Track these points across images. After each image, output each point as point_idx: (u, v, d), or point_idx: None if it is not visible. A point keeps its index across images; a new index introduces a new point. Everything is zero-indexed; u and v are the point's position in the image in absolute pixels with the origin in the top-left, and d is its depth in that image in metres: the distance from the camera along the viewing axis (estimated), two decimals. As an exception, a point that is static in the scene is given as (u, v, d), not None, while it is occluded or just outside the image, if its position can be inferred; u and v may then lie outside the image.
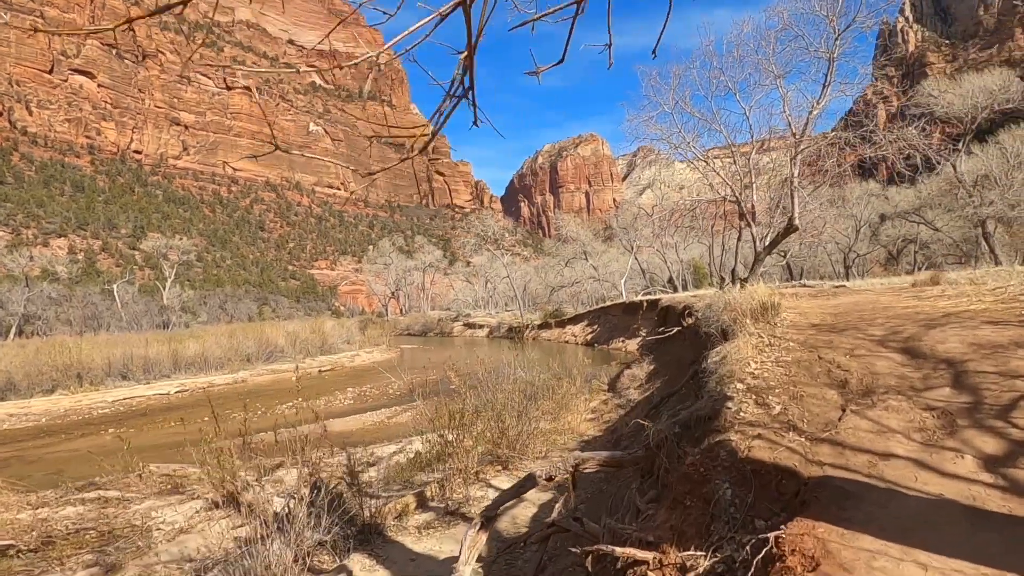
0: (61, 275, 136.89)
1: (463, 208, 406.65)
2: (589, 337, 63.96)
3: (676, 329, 18.65)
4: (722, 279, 23.81)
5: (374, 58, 2.66)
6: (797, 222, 19.48)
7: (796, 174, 19.42)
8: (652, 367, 17.96)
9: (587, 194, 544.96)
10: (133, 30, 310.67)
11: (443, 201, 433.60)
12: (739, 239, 24.24)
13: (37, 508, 13.26)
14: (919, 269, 73.03)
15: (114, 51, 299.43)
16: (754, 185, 21.18)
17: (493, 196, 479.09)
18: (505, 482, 11.46)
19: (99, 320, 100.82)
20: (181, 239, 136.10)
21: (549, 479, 6.08)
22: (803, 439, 4.83)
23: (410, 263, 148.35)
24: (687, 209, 25.24)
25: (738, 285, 20.23)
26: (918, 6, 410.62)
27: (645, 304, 54.67)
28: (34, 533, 11.09)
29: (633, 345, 51.54)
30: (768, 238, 21.46)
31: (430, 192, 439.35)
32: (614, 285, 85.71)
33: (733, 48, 21.15)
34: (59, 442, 26.73)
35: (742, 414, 5.40)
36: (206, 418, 33.53)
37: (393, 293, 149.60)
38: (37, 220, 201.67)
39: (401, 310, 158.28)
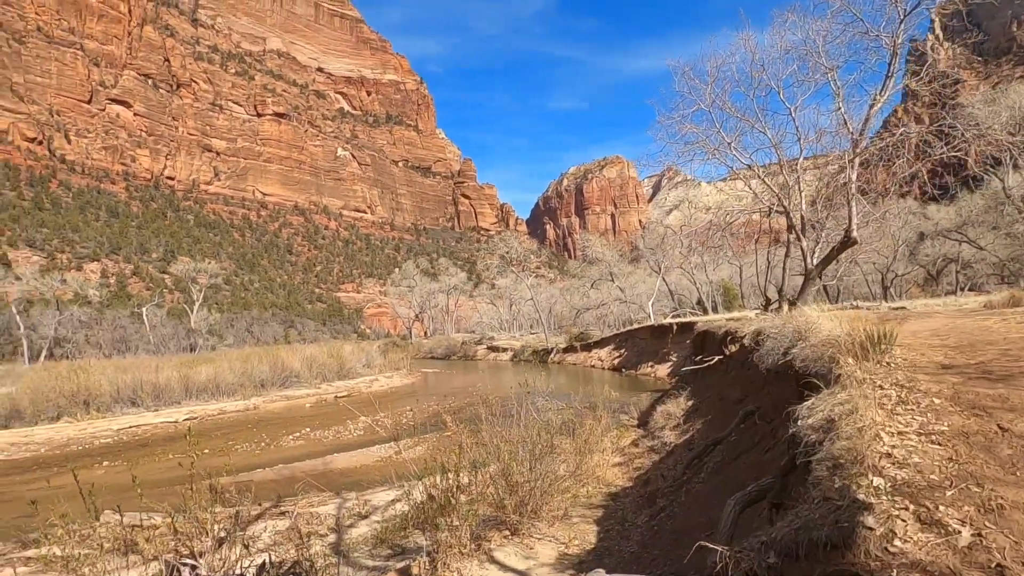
0: (92, 299, 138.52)
1: (488, 231, 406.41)
2: (616, 361, 61.26)
3: (717, 358, 16.30)
4: (767, 300, 21.29)
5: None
6: (856, 234, 16.99)
7: (854, 179, 16.96)
8: (690, 403, 15.58)
9: (612, 216, 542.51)
10: (169, 61, 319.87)
11: (469, 224, 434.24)
12: (787, 255, 21.57)
13: (-29, 570, 11.44)
14: (961, 290, 69.15)
15: (150, 81, 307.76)
16: (802, 194, 18.71)
17: (519, 218, 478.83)
18: (512, 555, 9.20)
19: (127, 343, 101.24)
20: (210, 263, 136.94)
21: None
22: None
23: (434, 285, 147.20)
24: (727, 223, 22.73)
25: (786, 307, 17.82)
26: (949, 24, 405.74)
27: (675, 327, 52.02)
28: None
29: (663, 371, 48.90)
30: (818, 253, 18.92)
31: (455, 215, 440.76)
32: (641, 307, 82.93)
33: (776, 41, 18.94)
34: (50, 476, 25.10)
35: (898, 543, 3.11)
36: (207, 450, 31.47)
37: (417, 315, 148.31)
38: (72, 245, 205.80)
39: (425, 332, 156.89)
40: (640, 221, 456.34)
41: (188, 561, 8.75)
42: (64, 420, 36.73)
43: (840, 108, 17.45)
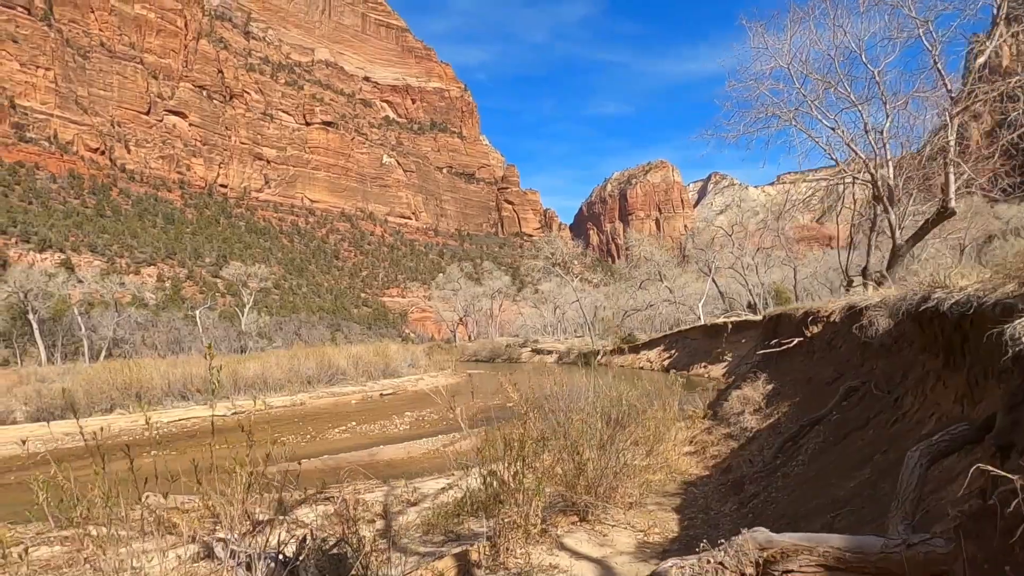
0: (149, 301, 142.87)
1: (532, 236, 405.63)
2: (666, 363, 59.35)
3: (796, 340, 14.90)
4: (849, 281, 19.52)
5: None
6: (953, 204, 15.26)
7: (953, 140, 15.23)
8: (770, 387, 14.23)
9: (657, 221, 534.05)
10: (223, 73, 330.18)
11: (512, 229, 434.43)
12: (872, 229, 19.58)
13: (8, 547, 11.00)
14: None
15: (204, 92, 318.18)
16: (889, 163, 16.97)
17: (562, 224, 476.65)
18: (584, 541, 8.06)
19: (181, 344, 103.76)
20: (260, 267, 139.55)
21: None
22: None
23: (478, 289, 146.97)
24: (809, 194, 20.91)
25: (871, 286, 16.24)
26: (1012, 19, 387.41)
27: (730, 326, 50.01)
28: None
29: (717, 371, 47.06)
30: (901, 229, 17.10)
31: (499, 220, 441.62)
32: (691, 308, 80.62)
33: (856, 1, 17.27)
34: (98, 464, 25.20)
35: None
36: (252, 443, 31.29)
37: (461, 319, 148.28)
38: (130, 250, 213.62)
39: (469, 336, 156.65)
40: (685, 226, 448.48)
41: (220, 535, 7.92)
42: (116, 412, 37.22)
43: (936, 63, 15.80)
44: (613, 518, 8.68)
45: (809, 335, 14.31)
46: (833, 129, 17.43)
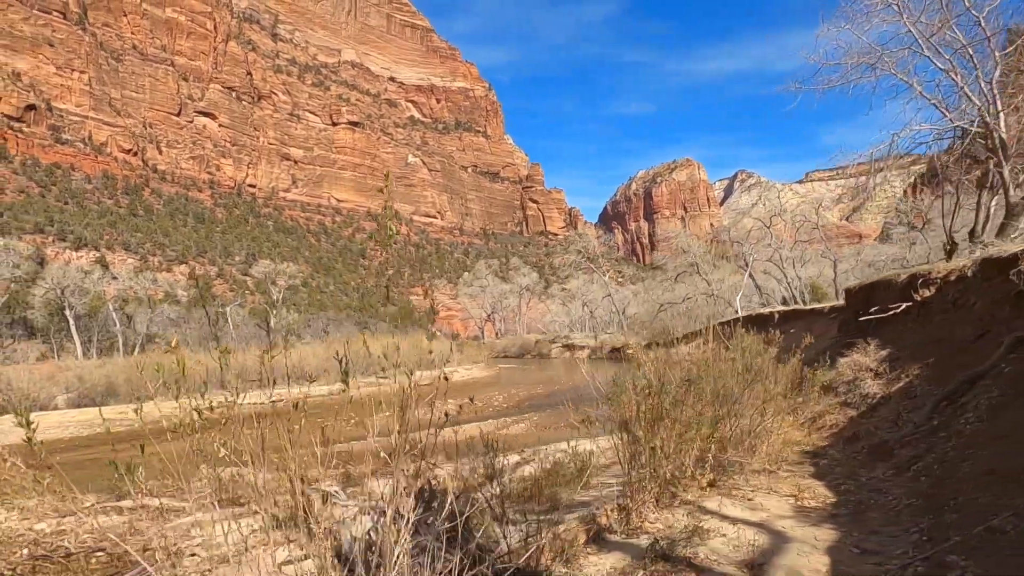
0: (181, 298, 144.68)
1: (556, 235, 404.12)
2: (706, 356, 57.65)
3: (904, 306, 13.65)
4: (953, 243, 17.85)
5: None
6: (1084, 153, 13.80)
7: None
8: (884, 352, 13.05)
9: (682, 219, 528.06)
10: (251, 74, 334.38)
11: (536, 228, 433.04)
12: (989, 187, 17.73)
13: (64, 516, 10.33)
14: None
15: (233, 93, 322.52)
16: (1001, 113, 15.38)
17: (587, 223, 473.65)
18: (728, 505, 6.95)
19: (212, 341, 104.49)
20: (288, 266, 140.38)
21: None
22: None
23: (505, 287, 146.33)
24: (899, 163, 19.05)
25: (979, 250, 14.82)
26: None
27: (777, 316, 48.20)
28: (25, 551, 7.81)
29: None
30: (1018, 185, 15.51)
31: (524, 219, 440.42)
32: (728, 302, 78.82)
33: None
34: (147, 444, 24.73)
35: None
36: (296, 427, 30.84)
37: (488, 316, 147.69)
38: (163, 248, 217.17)
39: (496, 333, 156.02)
40: (712, 224, 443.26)
41: (330, 488, 6.97)
42: (158, 398, 37.02)
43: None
44: (750, 483, 7.55)
45: (920, 299, 13.07)
46: (946, 72, 15.94)
